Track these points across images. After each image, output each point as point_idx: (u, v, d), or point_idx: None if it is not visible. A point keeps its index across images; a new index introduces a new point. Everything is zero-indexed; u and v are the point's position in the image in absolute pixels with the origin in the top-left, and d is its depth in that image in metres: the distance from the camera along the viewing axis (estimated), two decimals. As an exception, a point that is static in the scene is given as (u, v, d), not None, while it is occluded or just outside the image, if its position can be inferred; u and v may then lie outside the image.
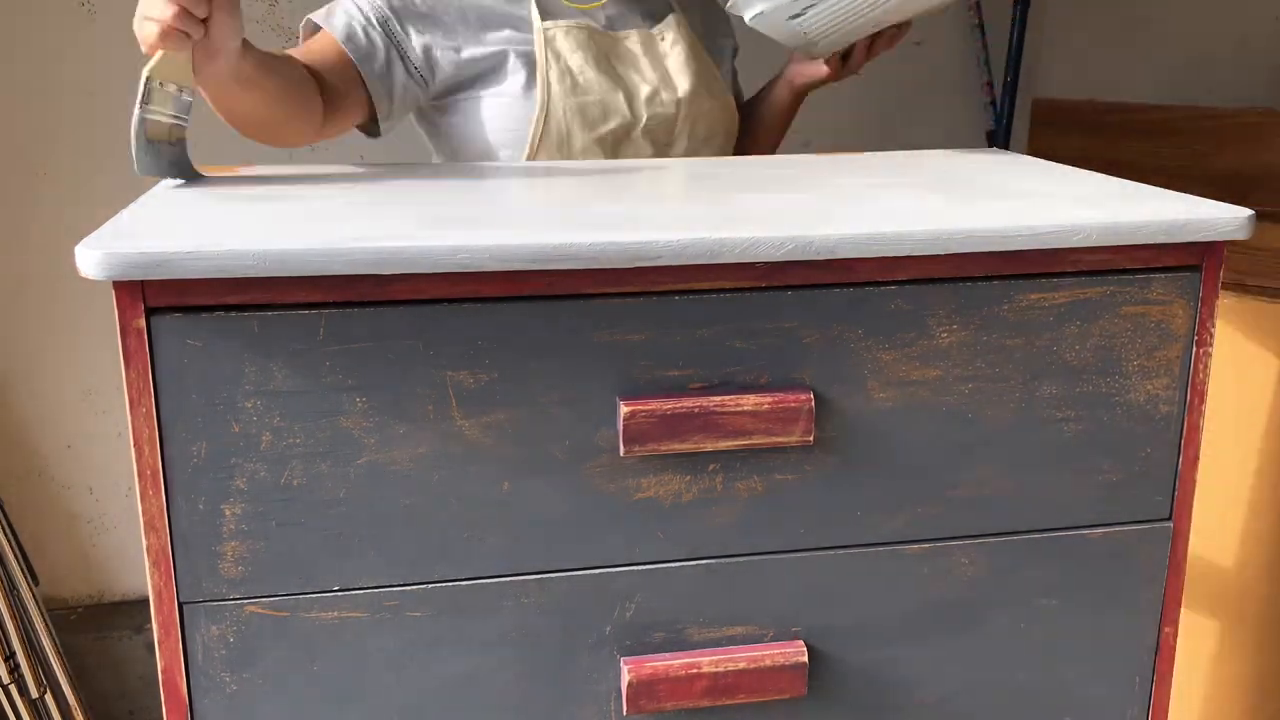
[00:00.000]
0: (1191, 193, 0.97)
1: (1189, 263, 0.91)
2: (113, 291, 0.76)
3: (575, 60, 1.32)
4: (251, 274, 0.75)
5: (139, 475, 0.79)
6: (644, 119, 1.34)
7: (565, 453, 0.85)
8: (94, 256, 0.73)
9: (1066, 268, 0.88)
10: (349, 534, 0.83)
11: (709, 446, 0.85)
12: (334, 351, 0.80)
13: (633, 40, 1.37)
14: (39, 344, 2.02)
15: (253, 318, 0.78)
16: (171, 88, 1.02)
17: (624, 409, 0.83)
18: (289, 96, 1.20)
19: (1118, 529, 0.95)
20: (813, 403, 0.85)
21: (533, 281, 0.81)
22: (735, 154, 1.50)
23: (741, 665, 0.89)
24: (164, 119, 1.02)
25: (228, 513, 0.81)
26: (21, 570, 1.89)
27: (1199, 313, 0.91)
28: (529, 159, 1.32)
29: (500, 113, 1.33)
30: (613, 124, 1.33)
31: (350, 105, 1.30)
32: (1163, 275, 0.90)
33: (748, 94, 1.58)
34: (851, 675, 0.94)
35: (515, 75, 1.32)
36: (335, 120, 1.30)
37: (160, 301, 0.77)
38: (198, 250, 0.74)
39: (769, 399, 0.85)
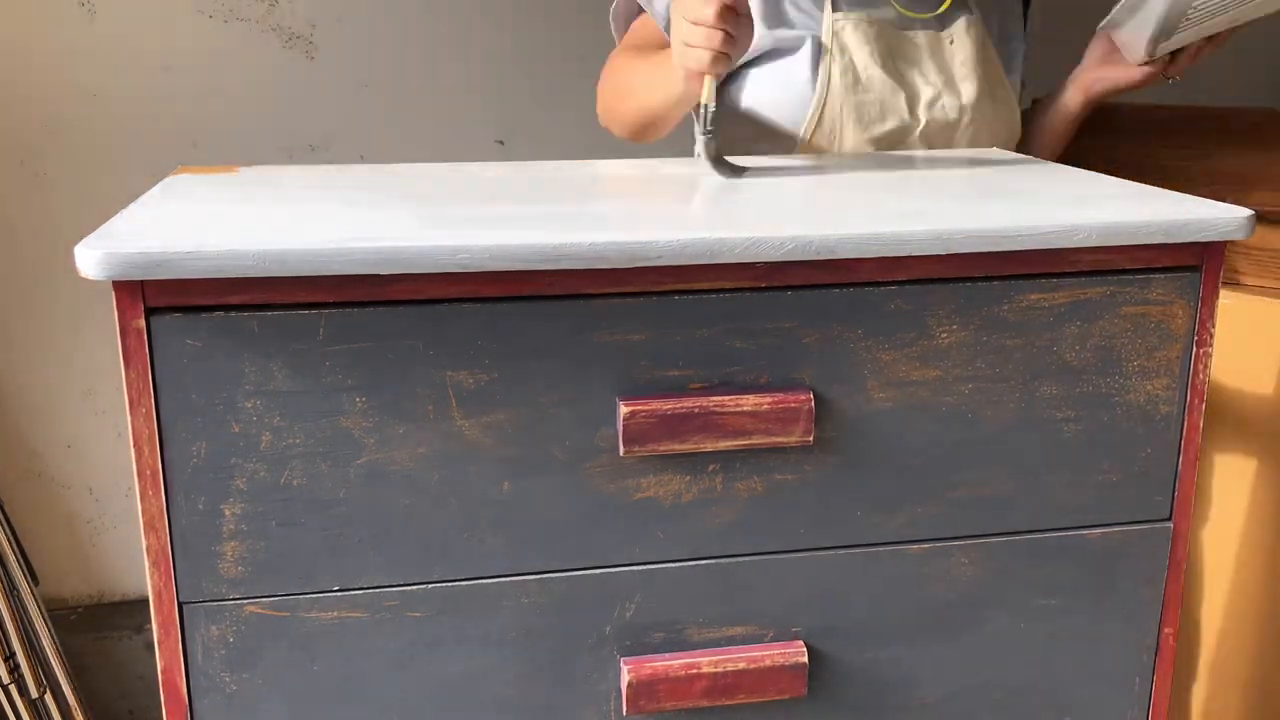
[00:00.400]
0: (1191, 193, 0.97)
1: (1189, 263, 0.91)
2: (112, 291, 0.76)
3: (861, 56, 1.30)
4: (251, 274, 0.75)
5: (139, 475, 0.79)
6: (923, 123, 1.31)
7: (565, 453, 0.85)
8: (94, 256, 0.73)
9: (1066, 268, 0.88)
10: (349, 534, 0.83)
11: (709, 446, 0.85)
12: (334, 351, 0.80)
13: (920, 39, 1.34)
14: (39, 344, 2.02)
15: (253, 318, 0.78)
16: (711, 106, 1.11)
17: (624, 409, 0.83)
18: None
19: (1118, 529, 0.95)
20: (813, 403, 0.85)
21: (533, 281, 0.81)
22: None
23: (741, 665, 0.89)
24: (710, 137, 1.12)
25: (228, 513, 0.81)
26: (21, 570, 1.89)
27: (1199, 313, 0.91)
28: (800, 150, 1.31)
29: (779, 95, 1.32)
30: (889, 125, 1.31)
31: None
32: (1163, 275, 0.90)
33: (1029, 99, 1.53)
34: (851, 675, 0.94)
35: (801, 61, 1.30)
36: None
37: (160, 301, 0.77)
38: (198, 250, 0.74)
39: (769, 399, 0.85)
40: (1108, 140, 1.97)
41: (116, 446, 2.08)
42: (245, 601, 0.83)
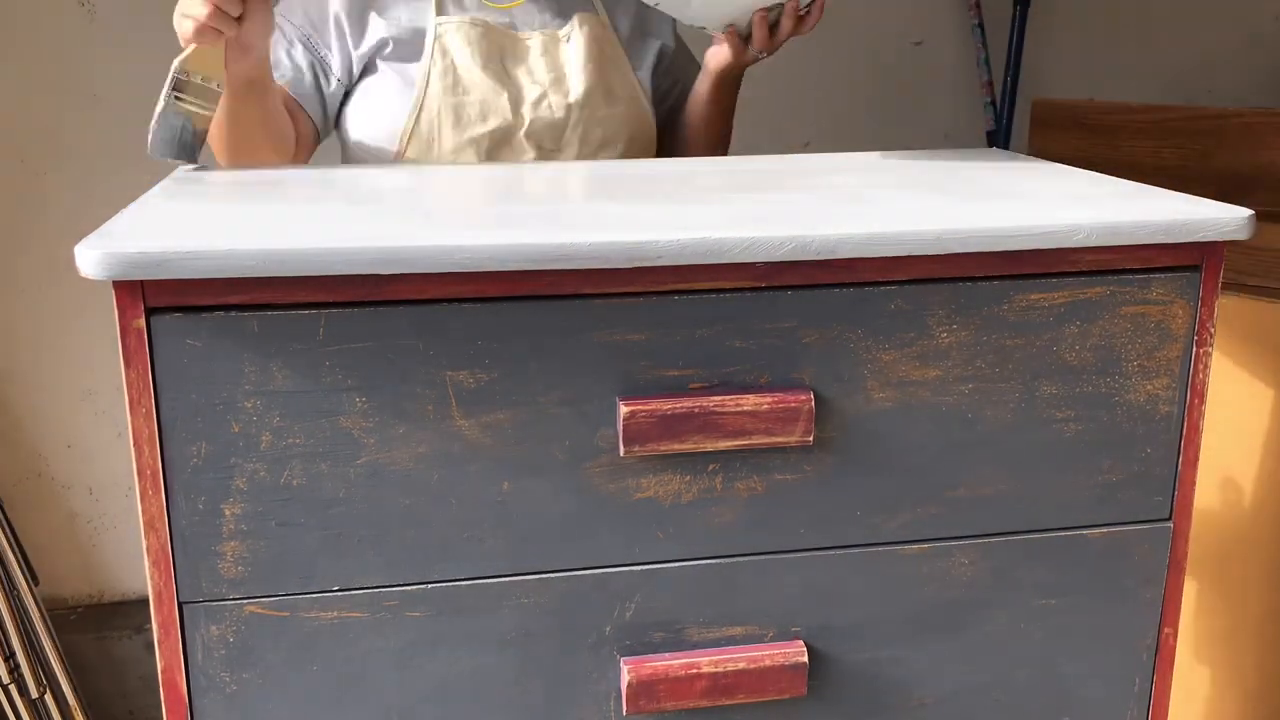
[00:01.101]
0: (1191, 193, 0.97)
1: (1189, 263, 0.91)
2: (112, 291, 0.76)
3: (462, 58, 1.30)
4: (251, 274, 0.75)
5: (139, 475, 0.79)
6: (527, 121, 1.31)
7: (565, 453, 0.85)
8: (94, 256, 0.73)
9: (1066, 268, 0.88)
10: (349, 534, 0.83)
11: (709, 446, 0.85)
12: (334, 351, 0.80)
13: (534, 40, 1.34)
14: (39, 344, 2.02)
15: (253, 318, 0.78)
16: (199, 78, 1.11)
17: (624, 409, 0.83)
18: (279, 118, 1.25)
19: (1118, 529, 0.95)
20: (813, 403, 0.85)
21: (533, 281, 0.81)
22: (675, 155, 1.46)
23: (741, 665, 0.89)
24: (192, 107, 1.12)
25: (228, 513, 0.81)
26: (21, 570, 1.89)
27: (1199, 313, 0.91)
28: (397, 156, 1.31)
29: (383, 106, 1.32)
30: (490, 125, 1.30)
31: (304, 125, 1.33)
32: (1163, 275, 0.90)
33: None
34: (851, 675, 0.94)
35: (404, 69, 1.31)
36: (302, 145, 1.34)
37: (160, 301, 0.77)
38: (198, 250, 0.74)
39: (769, 399, 0.85)
40: (1108, 140, 1.97)
41: (116, 446, 2.08)
42: (245, 601, 0.83)
